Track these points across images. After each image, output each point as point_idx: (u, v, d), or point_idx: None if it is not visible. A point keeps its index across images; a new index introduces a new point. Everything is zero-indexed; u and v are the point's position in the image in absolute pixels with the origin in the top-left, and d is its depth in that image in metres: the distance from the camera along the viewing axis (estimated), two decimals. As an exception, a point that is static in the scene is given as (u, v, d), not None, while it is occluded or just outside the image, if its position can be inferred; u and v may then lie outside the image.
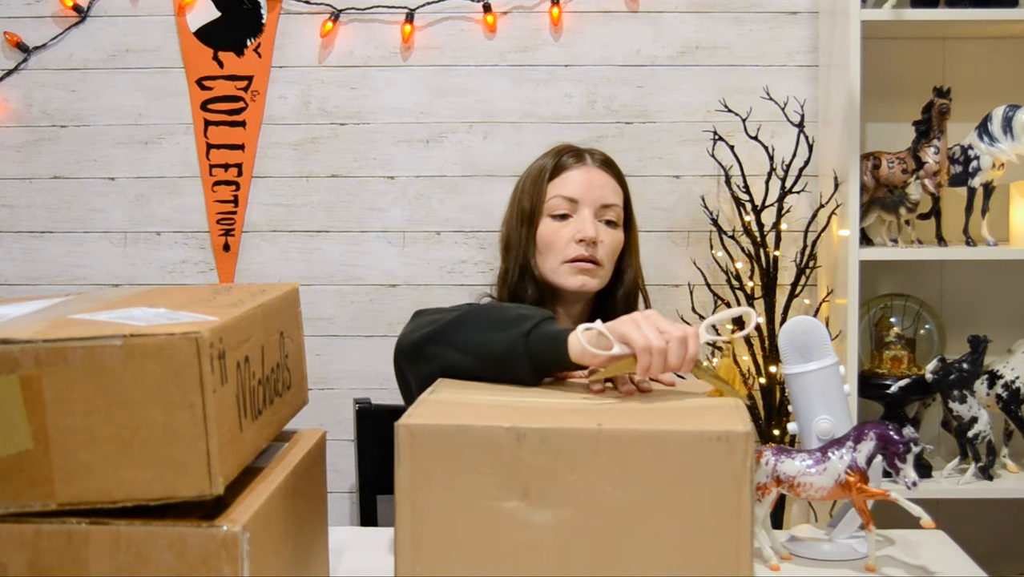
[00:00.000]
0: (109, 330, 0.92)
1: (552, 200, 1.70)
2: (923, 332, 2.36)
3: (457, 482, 1.00)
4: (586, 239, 1.66)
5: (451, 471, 1.00)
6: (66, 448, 0.91)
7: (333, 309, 2.41)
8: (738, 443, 0.99)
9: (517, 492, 1.00)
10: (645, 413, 1.10)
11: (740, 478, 0.98)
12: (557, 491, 1.00)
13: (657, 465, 0.99)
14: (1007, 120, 2.15)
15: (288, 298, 1.25)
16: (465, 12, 2.37)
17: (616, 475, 0.99)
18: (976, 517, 2.22)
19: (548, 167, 1.73)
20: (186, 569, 0.92)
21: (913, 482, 1.35)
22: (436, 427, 1.01)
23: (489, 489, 1.00)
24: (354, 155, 2.40)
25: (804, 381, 1.48)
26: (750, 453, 0.99)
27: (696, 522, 0.99)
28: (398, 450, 1.01)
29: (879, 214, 2.25)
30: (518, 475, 1.00)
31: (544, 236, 1.70)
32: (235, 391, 1.01)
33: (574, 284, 1.68)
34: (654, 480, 0.99)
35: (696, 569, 0.99)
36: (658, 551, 1.00)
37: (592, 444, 0.99)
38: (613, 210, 1.72)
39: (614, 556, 1.00)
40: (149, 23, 2.38)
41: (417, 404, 1.10)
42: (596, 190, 1.70)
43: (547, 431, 1.00)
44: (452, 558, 1.01)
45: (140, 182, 2.41)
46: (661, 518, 0.99)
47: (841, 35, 2.17)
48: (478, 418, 1.05)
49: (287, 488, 1.08)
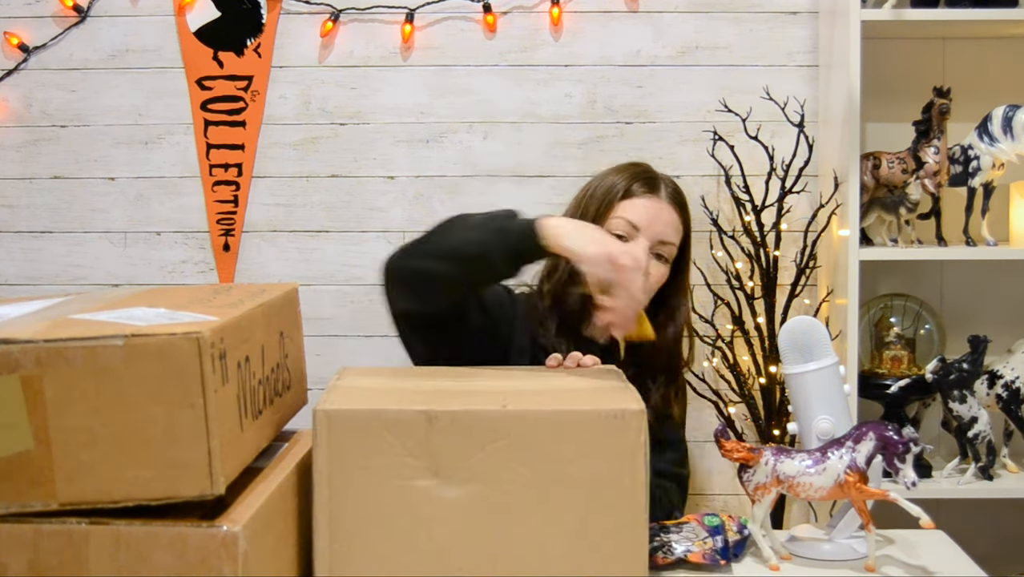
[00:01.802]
0: (110, 330, 0.92)
1: (615, 220, 1.68)
2: (923, 332, 2.36)
3: (372, 463, 1.07)
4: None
5: (366, 452, 1.07)
6: (67, 448, 0.92)
7: (333, 309, 2.41)
8: (632, 420, 1.07)
9: (429, 471, 1.07)
10: (547, 395, 1.19)
11: (635, 452, 1.07)
12: (466, 469, 1.07)
13: (558, 442, 1.07)
14: (1007, 120, 2.15)
15: (288, 298, 1.25)
16: (465, 12, 2.37)
17: (520, 452, 1.07)
18: (976, 517, 2.22)
19: (620, 188, 1.71)
20: (186, 569, 0.92)
21: (912, 482, 1.35)
22: (352, 412, 1.08)
23: (402, 469, 1.07)
24: (354, 155, 2.40)
25: (804, 381, 1.48)
26: (644, 429, 1.08)
27: (596, 495, 1.07)
28: (316, 434, 1.07)
29: (879, 214, 2.25)
30: (429, 455, 1.07)
31: None
32: (236, 391, 1.01)
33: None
34: (556, 456, 1.07)
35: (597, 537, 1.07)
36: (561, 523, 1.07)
37: (498, 424, 1.07)
38: (668, 249, 1.70)
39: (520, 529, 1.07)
40: (149, 23, 2.38)
41: (330, 391, 1.15)
42: (659, 225, 1.69)
43: (456, 413, 1.08)
44: (368, 535, 1.07)
45: (140, 182, 2.41)
46: (563, 492, 1.07)
47: (841, 35, 2.17)
48: (391, 402, 1.11)
49: (287, 488, 1.08)
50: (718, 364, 2.33)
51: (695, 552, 1.44)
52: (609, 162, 2.34)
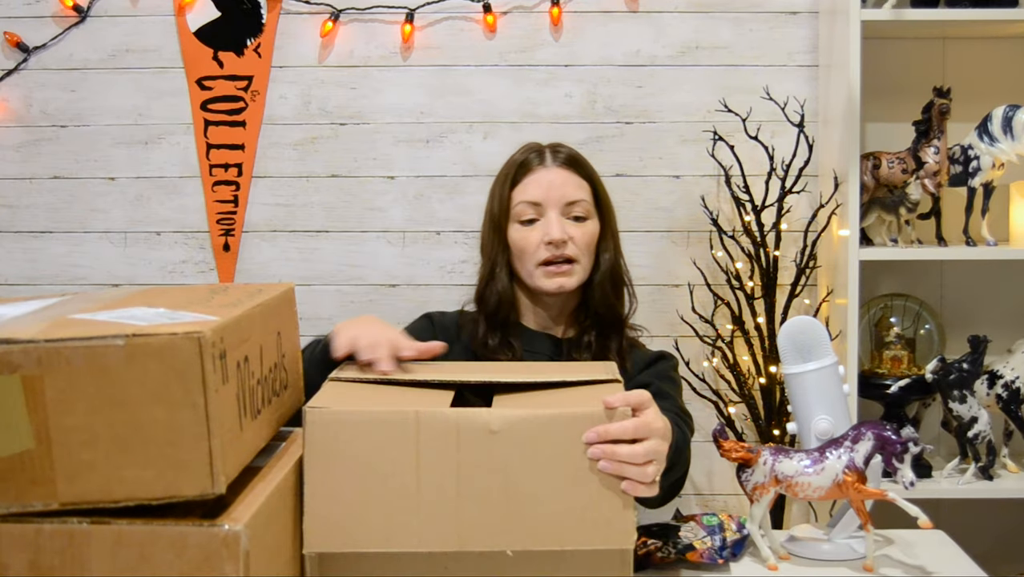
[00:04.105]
0: (111, 330, 0.92)
1: (517, 207, 1.72)
2: (923, 332, 2.36)
3: (360, 462, 1.10)
4: (554, 241, 1.67)
5: (355, 452, 1.10)
6: (68, 448, 0.92)
7: (333, 309, 2.41)
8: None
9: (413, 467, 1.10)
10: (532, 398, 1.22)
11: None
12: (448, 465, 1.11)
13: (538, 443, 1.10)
14: (1007, 120, 2.15)
15: (285, 298, 1.25)
16: (465, 12, 2.37)
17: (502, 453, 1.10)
18: (976, 517, 2.23)
19: (510, 173, 1.74)
20: (187, 568, 0.92)
21: (911, 482, 1.35)
22: (344, 412, 1.11)
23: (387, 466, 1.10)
24: (354, 155, 2.40)
25: (803, 381, 1.49)
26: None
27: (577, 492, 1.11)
28: (306, 431, 1.10)
29: (879, 214, 2.25)
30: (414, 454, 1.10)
31: (515, 242, 1.72)
32: (236, 390, 1.01)
33: (551, 287, 1.69)
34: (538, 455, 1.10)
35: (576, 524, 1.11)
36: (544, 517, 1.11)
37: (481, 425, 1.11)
38: (580, 205, 1.72)
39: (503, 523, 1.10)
40: (149, 23, 2.38)
41: (321, 393, 1.18)
42: (557, 189, 1.71)
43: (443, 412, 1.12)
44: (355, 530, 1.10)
45: (140, 182, 2.41)
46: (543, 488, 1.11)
47: (841, 35, 2.17)
48: (382, 403, 1.16)
49: (286, 487, 1.08)
50: (718, 364, 2.34)
51: (694, 551, 1.45)
52: (610, 162, 2.36)
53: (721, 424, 1.48)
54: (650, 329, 1.94)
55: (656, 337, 2.24)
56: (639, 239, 2.37)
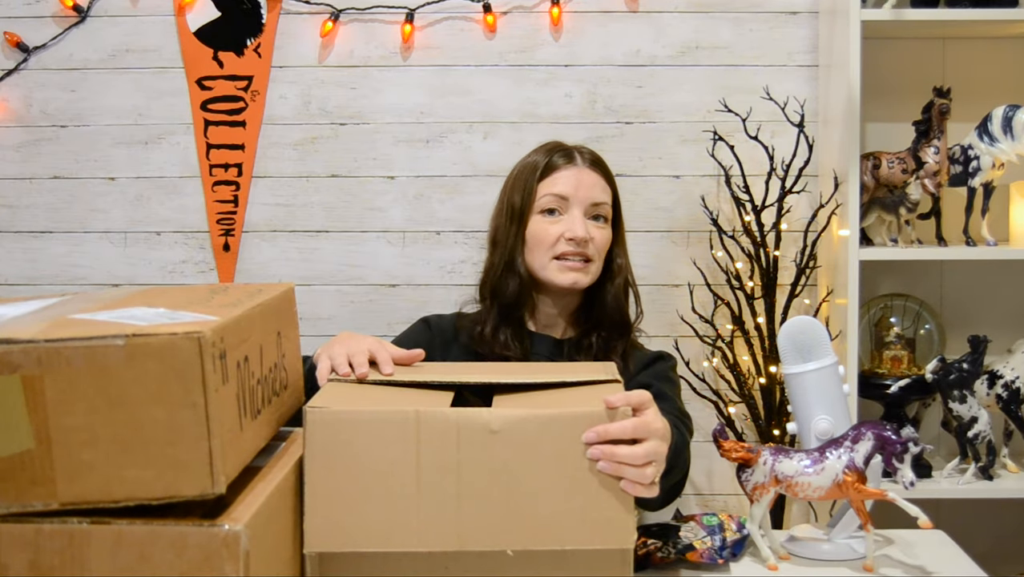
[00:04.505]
0: (111, 330, 0.92)
1: (543, 198, 1.73)
2: (923, 332, 2.36)
3: (360, 461, 1.10)
4: (576, 239, 1.69)
5: (355, 451, 1.10)
6: (68, 448, 0.92)
7: (333, 309, 2.41)
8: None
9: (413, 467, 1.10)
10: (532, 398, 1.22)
11: None
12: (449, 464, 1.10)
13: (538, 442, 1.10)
14: (1007, 120, 2.15)
15: (284, 298, 1.25)
16: (465, 12, 2.37)
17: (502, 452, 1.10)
18: (976, 517, 2.23)
19: (539, 165, 1.75)
20: (187, 568, 0.92)
21: (910, 482, 1.35)
22: (345, 412, 1.12)
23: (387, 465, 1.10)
24: (354, 155, 2.40)
25: (803, 381, 1.49)
26: None
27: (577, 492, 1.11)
28: (306, 431, 1.10)
29: (879, 214, 2.25)
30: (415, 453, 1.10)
31: (534, 232, 1.72)
32: (236, 390, 1.01)
33: (565, 281, 1.70)
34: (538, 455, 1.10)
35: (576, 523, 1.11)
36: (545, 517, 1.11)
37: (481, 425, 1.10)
38: (603, 208, 1.74)
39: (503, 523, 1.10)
40: (149, 23, 2.38)
41: (321, 393, 1.18)
42: (586, 189, 1.73)
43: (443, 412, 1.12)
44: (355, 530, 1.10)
45: (140, 182, 2.41)
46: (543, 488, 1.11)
47: (841, 35, 2.17)
48: (383, 403, 1.16)
49: (286, 487, 1.08)
50: (718, 364, 2.34)
51: (694, 551, 1.45)
52: (610, 162, 2.35)
53: (721, 424, 1.48)
54: (650, 329, 1.95)
55: (656, 337, 2.24)
56: (639, 239, 2.37)
